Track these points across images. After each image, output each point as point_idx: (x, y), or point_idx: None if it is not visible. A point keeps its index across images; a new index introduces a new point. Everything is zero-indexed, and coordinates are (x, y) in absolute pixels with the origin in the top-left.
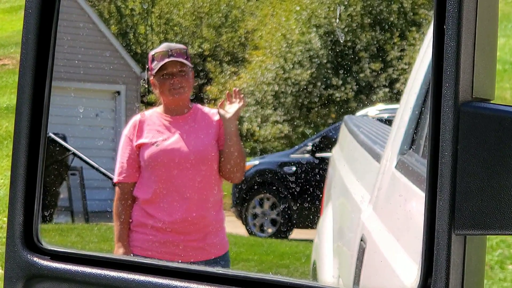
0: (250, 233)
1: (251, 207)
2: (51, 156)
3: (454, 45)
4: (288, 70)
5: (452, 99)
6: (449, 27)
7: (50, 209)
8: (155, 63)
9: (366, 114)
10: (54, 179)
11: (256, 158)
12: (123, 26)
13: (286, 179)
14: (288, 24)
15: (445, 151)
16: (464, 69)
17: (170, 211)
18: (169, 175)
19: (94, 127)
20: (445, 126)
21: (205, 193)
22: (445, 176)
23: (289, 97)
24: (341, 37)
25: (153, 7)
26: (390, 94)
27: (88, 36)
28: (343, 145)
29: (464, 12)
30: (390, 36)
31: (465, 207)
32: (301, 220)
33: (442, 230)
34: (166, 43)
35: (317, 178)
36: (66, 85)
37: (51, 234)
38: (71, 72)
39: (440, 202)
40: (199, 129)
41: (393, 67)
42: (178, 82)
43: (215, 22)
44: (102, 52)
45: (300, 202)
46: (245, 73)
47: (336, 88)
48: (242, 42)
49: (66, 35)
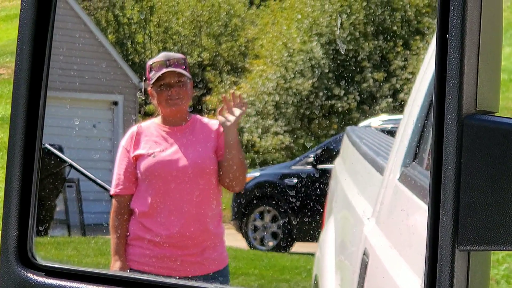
0: (250, 246)
1: (251, 220)
2: (47, 167)
3: (457, 56)
4: (289, 80)
5: (455, 111)
6: (452, 38)
7: (45, 223)
8: (152, 73)
9: (369, 125)
10: (50, 191)
11: (256, 170)
12: (121, 35)
13: (287, 192)
14: (289, 33)
15: (448, 164)
16: (467, 81)
17: (167, 225)
18: (166, 187)
19: (91, 138)
20: (448, 139)
21: (203, 207)
22: (448, 190)
23: (290, 107)
24: (342, 48)
25: (151, 16)
26: (393, 105)
27: (84, 45)
28: (345, 157)
29: (468, 22)
30: (394, 45)
31: (469, 222)
32: (303, 233)
33: (445, 245)
34: (164, 52)
35: (319, 191)
36: (62, 95)
37: (47, 248)
38: (67, 82)
39: (443, 217)
40: (197, 141)
41: (397, 77)
42: (176, 93)
43: (215, 30)
44: (99, 62)
45: (302, 215)
46: (245, 83)
47: (338, 98)
48: (242, 51)
49: (62, 44)
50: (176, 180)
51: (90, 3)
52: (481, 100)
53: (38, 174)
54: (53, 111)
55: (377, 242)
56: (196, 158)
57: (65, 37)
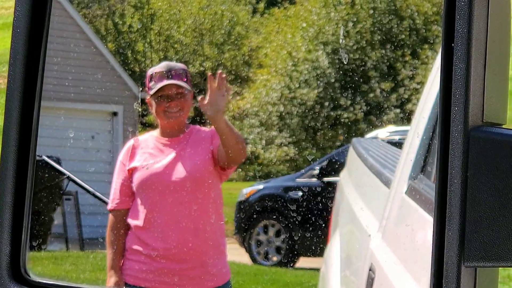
0: (253, 261)
1: (254, 234)
2: (45, 180)
3: (463, 66)
4: (294, 90)
5: (461, 123)
6: (458, 47)
7: (41, 238)
8: (152, 83)
9: (376, 136)
10: (47, 204)
11: (260, 183)
12: (121, 43)
13: (292, 205)
14: (294, 42)
15: (454, 178)
16: (474, 92)
17: (164, 238)
18: (162, 200)
19: (90, 149)
20: (454, 152)
21: (201, 220)
22: (454, 204)
23: (295, 118)
24: (344, 58)
25: (152, 24)
26: (401, 115)
27: (83, 54)
28: (351, 169)
29: (474, 31)
30: (401, 54)
31: (476, 238)
32: (307, 248)
33: (451, 262)
34: (166, 62)
35: (324, 204)
36: (59, 106)
37: (44, 263)
38: (65, 92)
39: (449, 232)
40: (195, 153)
41: (405, 87)
42: (175, 105)
43: (218, 39)
44: (98, 71)
45: (306, 229)
46: (248, 93)
47: (344, 108)
48: (245, 60)
49: (59, 53)
50: (172, 193)
51: (89, 11)
52: (488, 111)
53: (31, 187)
54: (49, 122)
55: (384, 258)
56: (193, 170)
57: (63, 45)
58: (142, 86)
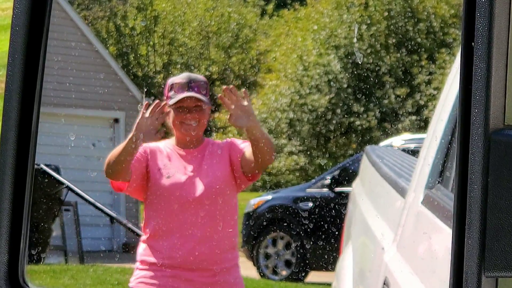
0: (261, 275)
1: (263, 247)
2: (43, 189)
3: (484, 66)
4: (304, 96)
5: (481, 126)
6: (478, 46)
7: (40, 248)
8: (172, 93)
9: (390, 144)
10: (46, 215)
11: (269, 193)
12: (123, 46)
13: (302, 216)
14: (304, 45)
15: (474, 184)
16: (495, 93)
17: (179, 247)
18: (179, 210)
19: (90, 157)
20: (474, 156)
21: (216, 231)
22: (474, 212)
23: (305, 125)
24: (359, 57)
25: (155, 26)
26: (417, 122)
27: (83, 58)
28: (364, 178)
29: (495, 30)
30: (418, 58)
31: (497, 246)
32: (318, 261)
33: (471, 271)
34: (187, 73)
35: (336, 215)
36: (58, 112)
37: (42, 276)
38: (64, 97)
39: (468, 241)
40: (212, 165)
41: (421, 93)
42: (193, 118)
43: (224, 42)
44: (99, 75)
45: (317, 241)
46: (257, 99)
47: (357, 115)
48: (253, 65)
49: (58, 56)
50: (191, 205)
51: (90, 13)
52: (509, 114)
53: (30, 194)
54: (47, 129)
55: (399, 271)
56: (213, 184)
57: (62, 48)
58: (145, 92)
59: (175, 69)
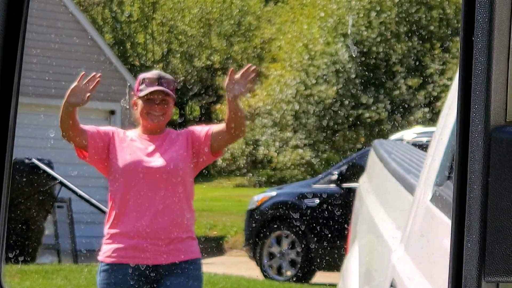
0: (265, 276)
1: (266, 246)
2: (35, 185)
3: (484, 60)
4: (310, 86)
5: (482, 123)
6: (478, 39)
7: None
8: (143, 86)
9: (401, 138)
10: (37, 212)
11: (273, 189)
12: (119, 34)
13: (308, 214)
14: (311, 33)
15: (473, 184)
16: (495, 88)
17: (138, 218)
18: (140, 185)
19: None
20: (473, 154)
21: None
22: (474, 213)
23: (311, 117)
24: (353, 50)
25: (154, 13)
26: (429, 115)
27: (77, 46)
28: (372, 174)
29: (496, 21)
30: (430, 47)
31: (497, 250)
32: (325, 261)
33: (471, 276)
34: (158, 71)
35: (344, 213)
36: (51, 103)
37: (33, 277)
38: (57, 88)
39: (468, 244)
40: (173, 149)
41: (434, 83)
42: (160, 109)
43: (226, 30)
44: (94, 65)
45: (324, 240)
46: (260, 90)
47: (366, 107)
48: (257, 54)
49: (51, 44)
50: (150, 179)
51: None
52: (511, 110)
53: (7, 192)
54: (41, 121)
55: (406, 272)
56: (170, 162)
57: (55, 36)
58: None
59: (174, 58)
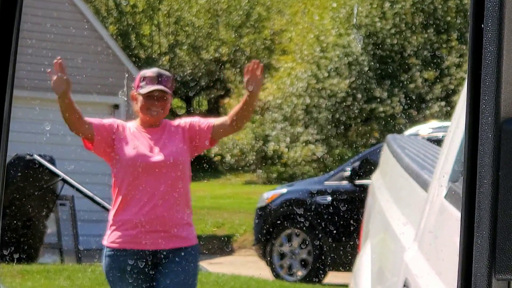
0: (276, 276)
1: (277, 245)
2: (36, 182)
3: (494, 49)
4: (322, 79)
5: (492, 115)
6: (488, 28)
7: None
8: (144, 83)
9: (416, 132)
10: (39, 210)
11: (283, 186)
12: (124, 26)
13: (319, 211)
14: (322, 24)
15: (483, 178)
16: (506, 79)
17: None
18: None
19: None
20: (483, 148)
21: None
22: (484, 208)
23: (323, 112)
24: (359, 40)
25: (160, 3)
26: (446, 109)
27: (80, 38)
28: (385, 170)
29: (507, 9)
30: (447, 38)
31: (508, 246)
32: (338, 260)
33: (481, 274)
34: (157, 69)
35: (357, 210)
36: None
37: (35, 277)
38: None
39: (478, 240)
40: (171, 140)
41: (450, 76)
42: (160, 105)
43: (235, 21)
44: (97, 57)
45: (337, 239)
46: (270, 83)
47: (380, 101)
48: (267, 46)
49: (56, 37)
50: (152, 170)
51: None
52: None
53: (2, 188)
54: (43, 115)
55: (420, 271)
56: (170, 156)
57: (57, 28)
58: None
59: (181, 51)
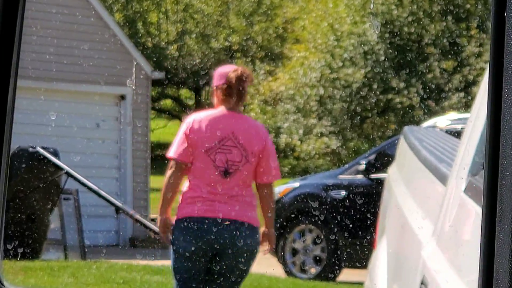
0: (288, 273)
1: (289, 242)
2: (40, 174)
3: None
4: (336, 69)
5: None
6: (511, 15)
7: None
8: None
9: (434, 124)
10: (42, 204)
11: (296, 180)
12: (130, 13)
13: (333, 206)
14: (336, 12)
15: (506, 170)
16: None
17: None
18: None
19: (94, 140)
20: (506, 138)
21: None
22: (506, 202)
23: (337, 103)
24: (375, 25)
25: None
26: (465, 100)
27: (86, 26)
28: (402, 163)
29: None
30: (466, 27)
31: None
32: (352, 257)
33: (503, 269)
34: (235, 66)
35: (372, 205)
36: (57, 87)
37: (38, 274)
38: (65, 71)
39: (499, 235)
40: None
41: (470, 66)
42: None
43: (246, 8)
44: (103, 46)
45: (351, 235)
46: (283, 73)
47: (396, 92)
48: (279, 34)
49: (60, 25)
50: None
51: None
52: None
53: (6, 181)
54: (47, 106)
55: (438, 268)
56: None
57: (64, 16)
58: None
59: (190, 40)
